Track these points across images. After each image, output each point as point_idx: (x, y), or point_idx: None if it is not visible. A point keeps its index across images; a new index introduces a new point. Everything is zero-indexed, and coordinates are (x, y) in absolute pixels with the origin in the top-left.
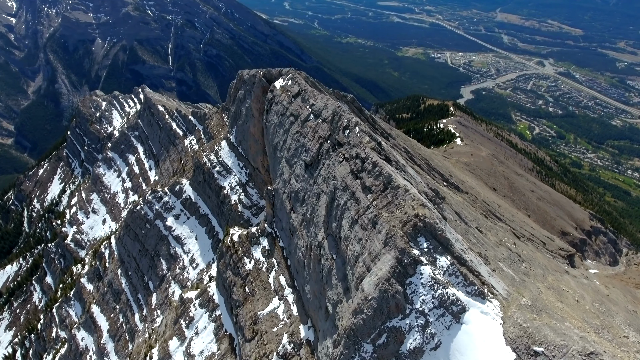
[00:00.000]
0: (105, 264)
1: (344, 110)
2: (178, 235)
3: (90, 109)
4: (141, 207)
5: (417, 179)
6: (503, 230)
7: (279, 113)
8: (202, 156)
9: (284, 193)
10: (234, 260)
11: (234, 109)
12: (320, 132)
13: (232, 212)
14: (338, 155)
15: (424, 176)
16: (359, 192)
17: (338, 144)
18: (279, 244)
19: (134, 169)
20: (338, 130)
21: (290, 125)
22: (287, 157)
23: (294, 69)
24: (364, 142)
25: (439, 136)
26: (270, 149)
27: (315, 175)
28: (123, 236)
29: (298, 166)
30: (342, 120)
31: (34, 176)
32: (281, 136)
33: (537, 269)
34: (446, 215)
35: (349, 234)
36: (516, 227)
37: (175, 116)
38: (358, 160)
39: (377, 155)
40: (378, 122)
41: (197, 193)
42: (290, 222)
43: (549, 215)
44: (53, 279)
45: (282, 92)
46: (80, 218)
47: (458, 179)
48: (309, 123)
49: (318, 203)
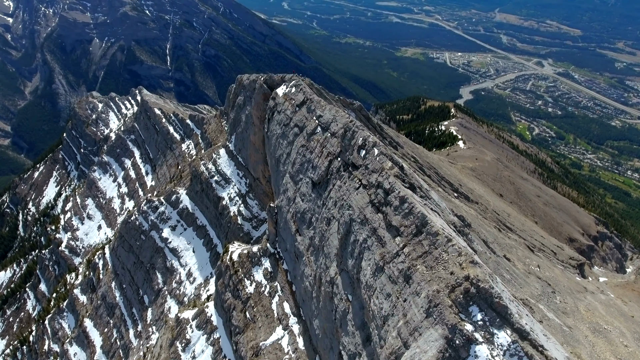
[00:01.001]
0: (99, 275)
1: (357, 126)
2: (174, 248)
3: (87, 110)
4: (136, 218)
5: (442, 205)
6: (517, 243)
7: (282, 123)
8: (200, 165)
9: (288, 212)
10: (234, 282)
11: (233, 116)
12: (329, 147)
13: (232, 225)
14: (353, 180)
15: (435, 188)
16: (382, 230)
17: (352, 165)
18: (283, 266)
19: (130, 174)
20: (352, 150)
21: (294, 137)
22: (291, 172)
23: (297, 75)
24: (386, 168)
25: (441, 138)
26: (272, 160)
27: (324, 196)
28: (117, 247)
29: (304, 184)
30: (357, 138)
31: (30, 179)
32: (284, 148)
33: (568, 297)
34: (476, 248)
35: (372, 283)
36: (526, 236)
37: (172, 120)
38: (380, 190)
39: (402, 184)
40: (385, 129)
41: (194, 203)
42: (296, 246)
43: (556, 221)
44: (47, 286)
45: (285, 100)
46: (75, 224)
47: (467, 188)
48: (316, 137)
49: (328, 230)
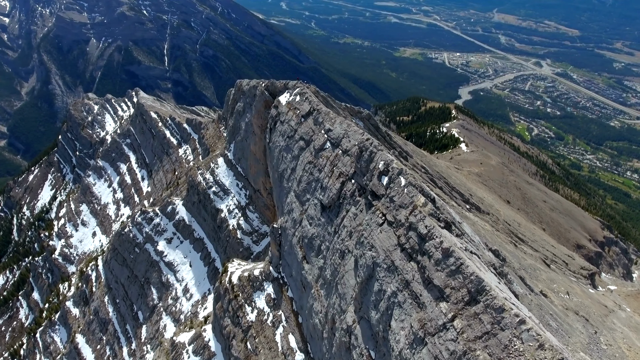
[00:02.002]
0: (92, 288)
1: (375, 146)
2: (170, 262)
3: (82, 112)
4: (129, 230)
5: (475, 240)
6: (533, 259)
7: (286, 135)
8: (197, 174)
9: (294, 236)
10: (233, 308)
11: (232, 123)
12: (340, 167)
13: (230, 239)
14: (375, 214)
15: (449, 202)
16: (418, 286)
17: (372, 193)
18: (287, 293)
19: (126, 179)
20: (370, 175)
21: (300, 151)
22: (297, 191)
23: (301, 81)
24: (419, 204)
25: (443, 141)
26: (274, 174)
27: (335, 222)
28: (110, 260)
29: (312, 205)
30: (376, 161)
31: (24, 182)
32: (289, 163)
33: (605, 331)
34: (516, 290)
35: (409, 356)
36: (538, 247)
37: (169, 124)
38: (412, 233)
39: (437, 223)
40: (394, 138)
41: (191, 214)
42: (303, 274)
43: (563, 227)
44: (40, 295)
45: (289, 110)
46: (69, 231)
47: (477, 198)
48: (325, 153)
49: (342, 264)
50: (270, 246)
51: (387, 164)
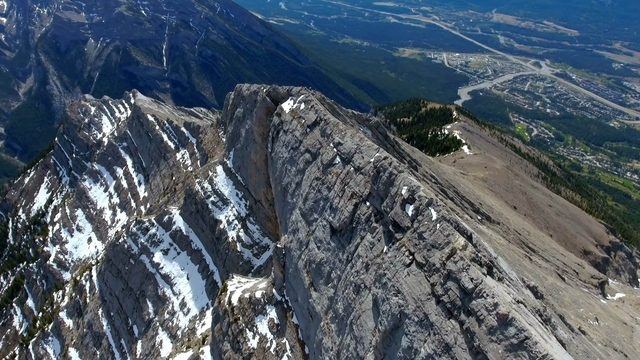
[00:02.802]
0: (86, 298)
1: (395, 166)
2: (167, 274)
3: (79, 114)
4: (124, 240)
5: (513, 278)
6: (548, 273)
7: (290, 145)
8: (194, 183)
9: (299, 259)
10: (233, 332)
11: (232, 129)
12: (353, 186)
13: (230, 252)
14: (401, 251)
15: (461, 214)
16: (464, 354)
17: (394, 224)
18: (292, 319)
19: (122, 184)
20: (391, 201)
21: (305, 164)
22: (302, 208)
23: (306, 88)
24: (457, 247)
25: (445, 143)
26: (277, 187)
27: (348, 248)
28: (104, 271)
29: (320, 227)
30: (398, 185)
31: (20, 184)
32: (293, 176)
33: None
34: (562, 338)
35: None
36: (549, 257)
37: (166, 127)
38: (452, 284)
39: (482, 273)
40: (402, 145)
41: (188, 225)
42: (310, 303)
43: (569, 233)
44: (34, 302)
45: (293, 118)
46: (64, 236)
47: (486, 206)
48: (335, 170)
49: (358, 301)
50: (274, 266)
51: (412, 191)
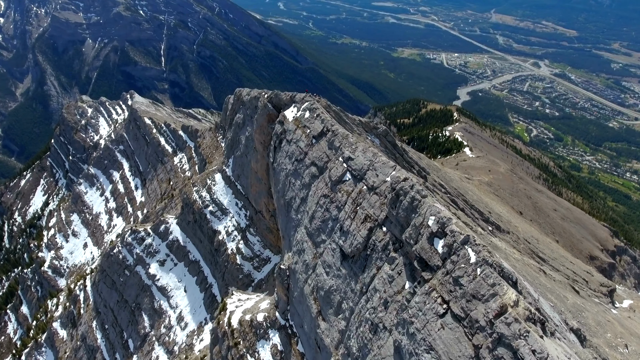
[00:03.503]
0: (80, 309)
1: (418, 191)
2: (163, 286)
3: (75, 116)
4: (119, 251)
5: (556, 320)
6: (563, 287)
7: (294, 157)
8: (192, 192)
9: (305, 283)
10: (233, 357)
11: (231, 136)
12: (367, 208)
13: (229, 264)
14: (431, 296)
15: (474, 227)
16: None
17: (419, 259)
18: (297, 346)
19: (119, 188)
20: (415, 232)
21: (311, 178)
22: (309, 228)
23: (310, 94)
24: (508, 302)
25: (446, 145)
26: (279, 200)
27: (362, 278)
28: (98, 282)
29: (329, 250)
30: (424, 215)
31: (16, 187)
32: (297, 191)
33: None
34: None
35: None
36: (559, 266)
37: (163, 130)
38: (504, 351)
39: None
40: (409, 153)
41: (185, 234)
42: (318, 333)
43: (575, 238)
44: (29, 308)
45: (297, 127)
46: (59, 242)
47: (495, 214)
48: (345, 187)
49: (375, 342)
50: (277, 288)
51: (442, 223)
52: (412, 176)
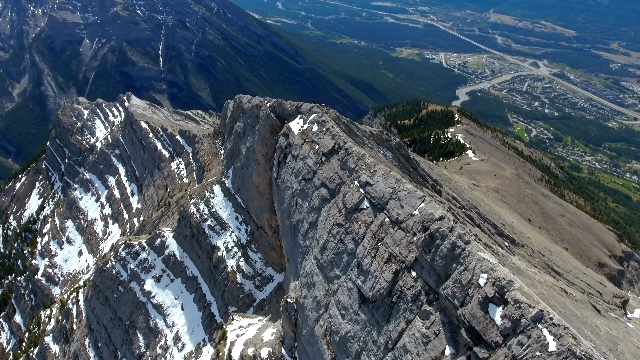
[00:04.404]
0: (72, 324)
1: (460, 235)
2: (159, 303)
3: (71, 118)
4: (112, 266)
5: None
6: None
7: (300, 175)
8: (189, 204)
9: (316, 322)
10: None
11: (231, 145)
12: (391, 245)
13: (229, 283)
14: None
15: (491, 244)
16: None
17: (468, 329)
18: None
19: (115, 194)
20: (462, 292)
21: (321, 202)
22: (319, 259)
23: (318, 105)
24: None
25: (448, 147)
26: (284, 221)
27: (387, 331)
28: (91, 298)
29: (345, 289)
30: (471, 270)
31: (11, 190)
32: (305, 214)
33: None
34: None
35: None
36: (573, 279)
37: (160, 135)
38: None
39: None
40: (421, 164)
41: (183, 249)
42: None
43: (583, 244)
44: (22, 318)
45: (304, 142)
46: (53, 249)
47: (508, 225)
48: (362, 217)
49: None
50: (282, 322)
51: (499, 287)
52: (448, 214)
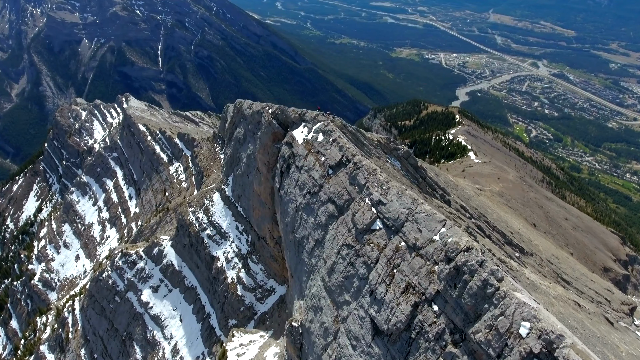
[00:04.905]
0: (68, 333)
1: (492, 271)
2: (157, 315)
3: (69, 119)
4: (108, 275)
5: None
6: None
7: (305, 188)
8: (188, 212)
9: (324, 351)
10: None
11: (231, 152)
12: (408, 273)
13: (229, 295)
14: None
15: (504, 258)
16: None
17: None
18: None
19: (112, 197)
20: (498, 342)
21: (328, 218)
22: (327, 282)
23: (323, 113)
24: None
25: (450, 149)
26: (288, 235)
27: None
28: (87, 308)
29: (356, 318)
30: (510, 316)
31: (8, 192)
32: (311, 230)
33: None
34: None
35: None
36: (582, 287)
37: (158, 138)
38: None
39: None
40: (428, 172)
41: (181, 258)
42: None
43: (588, 249)
44: (19, 323)
45: (309, 153)
46: (50, 253)
47: (516, 233)
48: (375, 238)
49: None
50: (287, 346)
51: (547, 342)
52: (475, 243)
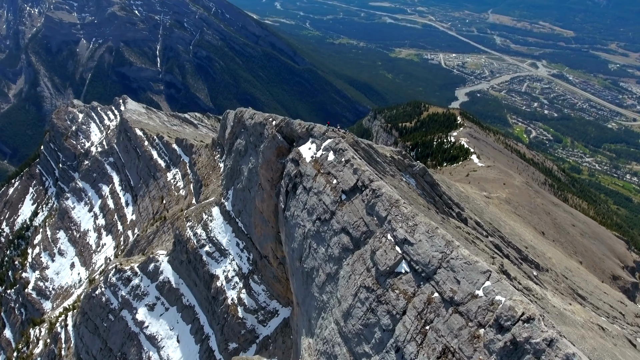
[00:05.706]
0: (61, 350)
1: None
2: (152, 334)
3: (66, 121)
4: (102, 292)
5: None
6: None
7: (315, 214)
8: (186, 227)
9: None
10: None
11: (231, 164)
12: (444, 334)
13: (229, 317)
14: None
15: (524, 281)
16: None
17: None
18: None
19: (108, 203)
20: None
21: (342, 252)
22: (342, 326)
23: (333, 128)
24: None
25: (452, 151)
26: (294, 262)
27: None
28: (79, 325)
29: None
30: None
31: (4, 196)
32: (321, 261)
33: None
34: None
35: None
36: (597, 301)
37: (156, 143)
38: None
39: None
40: (442, 188)
41: (178, 275)
42: None
43: (597, 256)
44: (12, 332)
45: (318, 173)
46: (44, 261)
47: (530, 246)
48: (401, 284)
49: None
50: None
51: None
52: (537, 312)
